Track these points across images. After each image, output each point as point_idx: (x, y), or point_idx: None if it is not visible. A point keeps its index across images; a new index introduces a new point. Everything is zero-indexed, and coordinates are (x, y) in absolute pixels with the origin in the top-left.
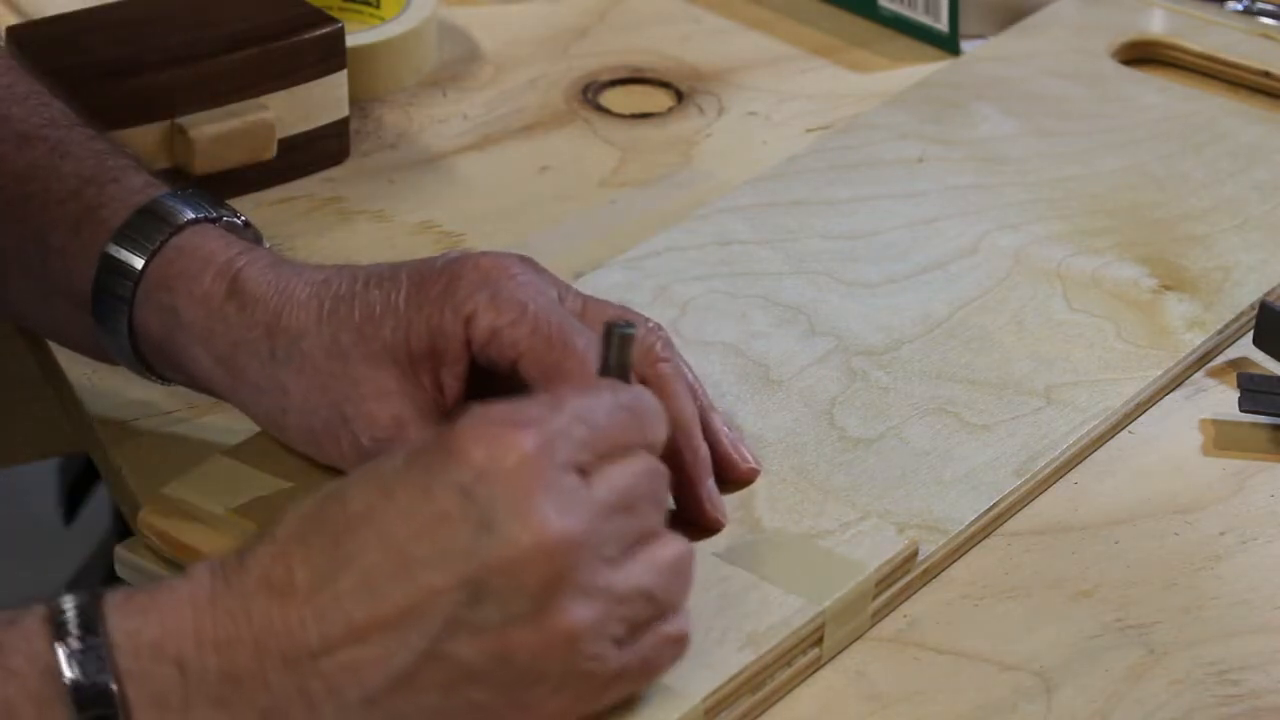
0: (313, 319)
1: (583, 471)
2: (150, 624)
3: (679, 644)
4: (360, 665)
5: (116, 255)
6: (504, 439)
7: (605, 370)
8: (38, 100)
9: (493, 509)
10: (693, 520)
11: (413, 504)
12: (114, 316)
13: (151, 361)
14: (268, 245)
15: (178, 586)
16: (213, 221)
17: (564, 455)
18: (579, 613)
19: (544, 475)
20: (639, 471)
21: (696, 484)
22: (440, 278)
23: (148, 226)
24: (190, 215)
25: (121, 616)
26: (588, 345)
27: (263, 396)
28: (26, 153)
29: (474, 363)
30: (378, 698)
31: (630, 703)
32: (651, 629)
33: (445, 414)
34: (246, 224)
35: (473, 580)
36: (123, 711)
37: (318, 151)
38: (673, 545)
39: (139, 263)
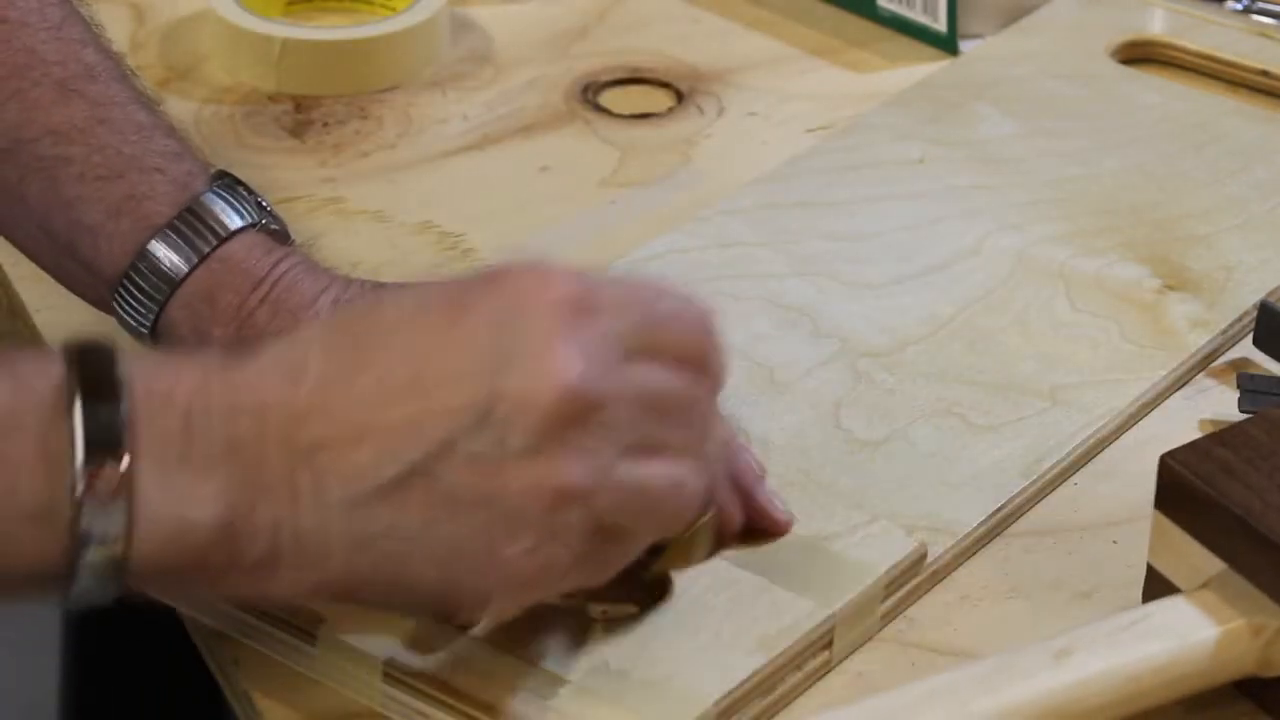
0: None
1: (628, 355)
2: (165, 374)
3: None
4: (351, 467)
5: (158, 257)
6: (551, 280)
7: None
8: (73, 35)
9: (519, 341)
10: (764, 529)
11: (444, 322)
12: (139, 307)
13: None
14: (294, 242)
15: (194, 355)
16: (253, 227)
17: (609, 325)
18: (574, 469)
19: (581, 326)
20: (686, 386)
21: (751, 495)
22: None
23: (193, 231)
24: (237, 223)
25: (139, 366)
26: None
27: None
28: (65, 109)
29: None
30: (358, 504)
31: (642, 705)
32: (617, 540)
33: None
34: (276, 220)
35: (481, 406)
36: (129, 454)
37: None
38: (679, 474)
39: (183, 268)
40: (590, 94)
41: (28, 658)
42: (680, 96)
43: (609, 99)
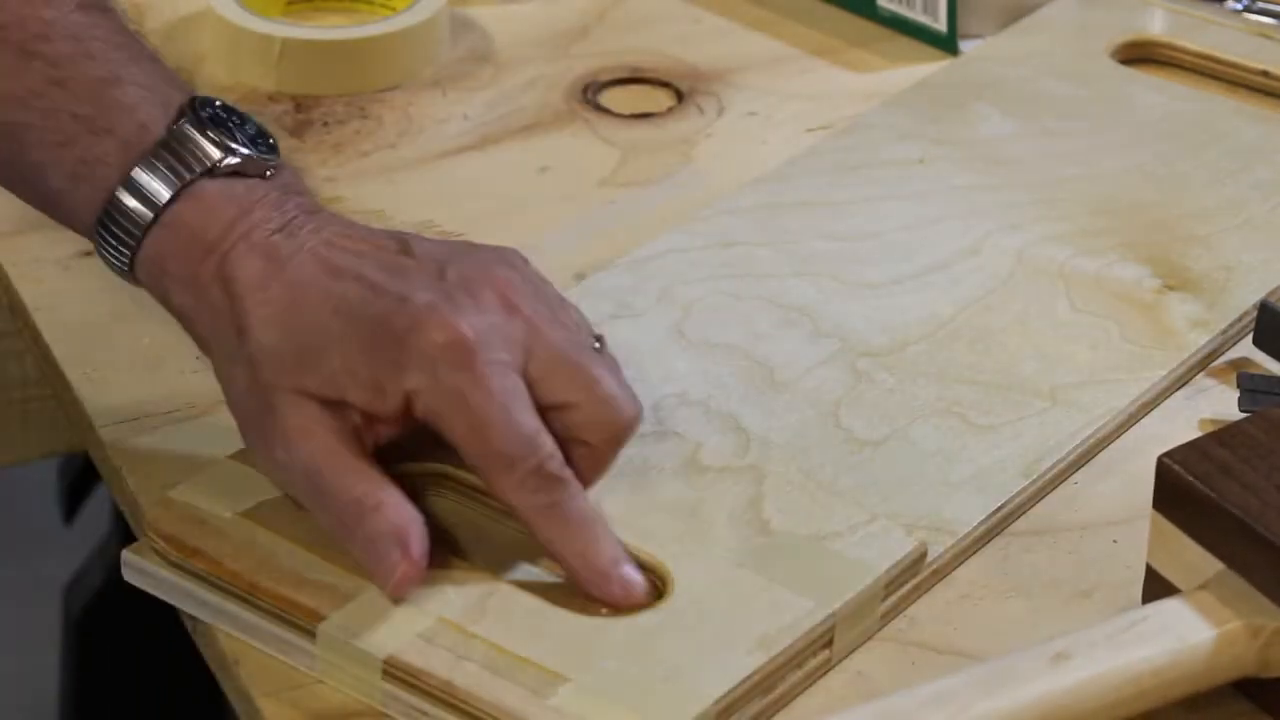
0: (272, 325)
1: None
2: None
3: None
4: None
5: (114, 223)
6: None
7: None
8: None
9: None
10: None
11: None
12: (115, 260)
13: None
14: (270, 165)
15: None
16: (209, 173)
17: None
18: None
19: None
20: None
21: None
22: (392, 337)
23: (138, 198)
24: (186, 176)
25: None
26: (528, 442)
27: (223, 384)
28: (22, 75)
29: None
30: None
31: (642, 705)
32: None
33: (371, 448)
34: (263, 144)
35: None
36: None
37: None
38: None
39: (136, 235)
40: (590, 94)
41: (28, 658)
42: (680, 96)
43: (609, 99)
